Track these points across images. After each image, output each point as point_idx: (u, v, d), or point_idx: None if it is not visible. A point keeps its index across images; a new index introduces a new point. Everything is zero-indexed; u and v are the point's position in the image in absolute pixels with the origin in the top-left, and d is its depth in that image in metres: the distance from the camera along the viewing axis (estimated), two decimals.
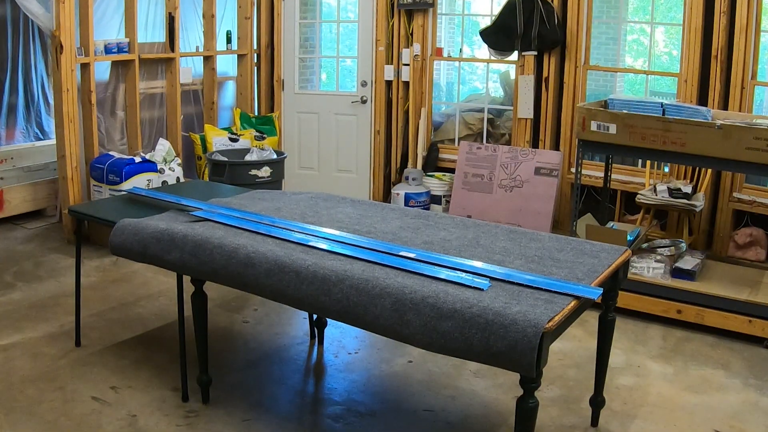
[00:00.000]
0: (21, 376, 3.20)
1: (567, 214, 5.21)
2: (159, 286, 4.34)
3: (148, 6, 5.55)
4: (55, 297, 4.13)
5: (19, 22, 5.92)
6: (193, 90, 6.02)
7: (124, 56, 5.23)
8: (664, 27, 8.75)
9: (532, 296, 2.21)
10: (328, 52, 7.33)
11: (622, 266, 2.68)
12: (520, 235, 2.87)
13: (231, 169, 5.07)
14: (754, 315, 3.71)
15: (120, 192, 4.55)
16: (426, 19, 5.67)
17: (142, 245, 2.85)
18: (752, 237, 4.60)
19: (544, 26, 5.00)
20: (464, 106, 6.15)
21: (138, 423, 2.86)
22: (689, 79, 4.70)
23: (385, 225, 2.96)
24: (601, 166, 4.91)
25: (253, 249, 2.60)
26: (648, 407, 3.10)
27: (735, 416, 3.05)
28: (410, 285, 2.27)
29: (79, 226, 3.55)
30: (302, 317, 3.90)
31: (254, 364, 3.43)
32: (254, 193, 3.51)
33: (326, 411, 3.07)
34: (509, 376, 3.24)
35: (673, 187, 4.45)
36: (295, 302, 2.50)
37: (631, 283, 3.95)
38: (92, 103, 5.05)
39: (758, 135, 3.49)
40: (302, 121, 6.32)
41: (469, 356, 2.13)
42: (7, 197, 5.37)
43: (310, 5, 6.38)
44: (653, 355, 3.62)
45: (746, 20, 4.44)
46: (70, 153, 4.90)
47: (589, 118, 3.96)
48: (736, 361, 3.57)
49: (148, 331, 3.73)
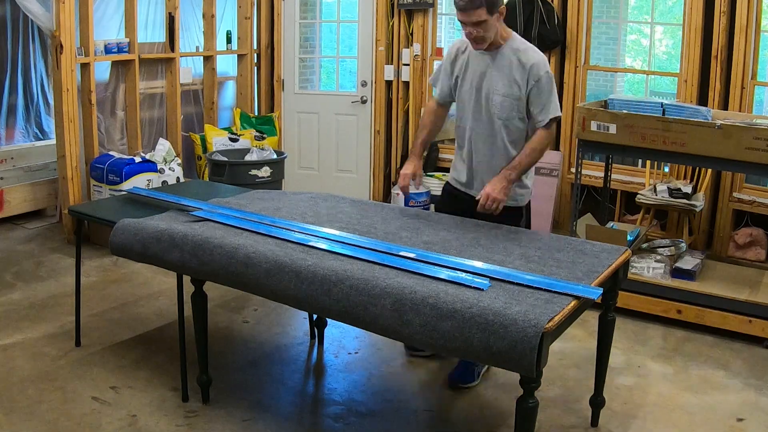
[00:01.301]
0: (21, 376, 3.20)
1: (567, 214, 5.21)
2: (159, 286, 4.34)
3: (148, 6, 5.55)
4: (55, 297, 4.13)
5: (19, 22, 5.92)
6: (193, 90, 6.02)
7: (124, 56, 5.23)
8: (664, 27, 8.76)
9: (532, 296, 2.21)
10: (328, 52, 7.34)
11: (622, 266, 2.68)
12: (520, 234, 2.87)
13: (231, 169, 5.07)
14: (754, 315, 3.71)
15: (120, 192, 4.56)
16: (426, 19, 5.67)
17: (142, 245, 2.85)
18: (752, 237, 4.60)
19: (544, 26, 5.00)
20: None
21: (138, 423, 2.86)
22: (689, 79, 4.70)
23: (385, 225, 2.95)
24: (601, 166, 4.91)
25: (253, 249, 2.60)
26: (648, 407, 3.10)
27: (735, 416, 3.05)
28: (410, 285, 2.27)
29: (79, 226, 3.55)
30: (302, 317, 3.90)
31: (254, 364, 3.43)
32: (254, 193, 3.51)
33: (326, 411, 3.07)
34: (509, 376, 3.23)
35: (673, 187, 4.45)
36: (295, 302, 2.50)
37: (631, 283, 3.95)
38: (92, 103, 5.05)
39: (758, 135, 3.49)
40: (302, 121, 6.32)
41: (469, 356, 2.13)
42: (7, 197, 5.37)
43: (310, 5, 6.38)
44: (653, 355, 3.62)
45: (746, 20, 4.44)
46: (70, 153, 4.90)
47: (589, 118, 3.96)
48: (736, 361, 3.57)
49: (148, 331, 3.73)
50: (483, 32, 2.88)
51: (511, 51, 2.97)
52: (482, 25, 2.86)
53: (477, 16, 2.83)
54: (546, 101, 2.96)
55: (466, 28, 2.91)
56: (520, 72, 2.95)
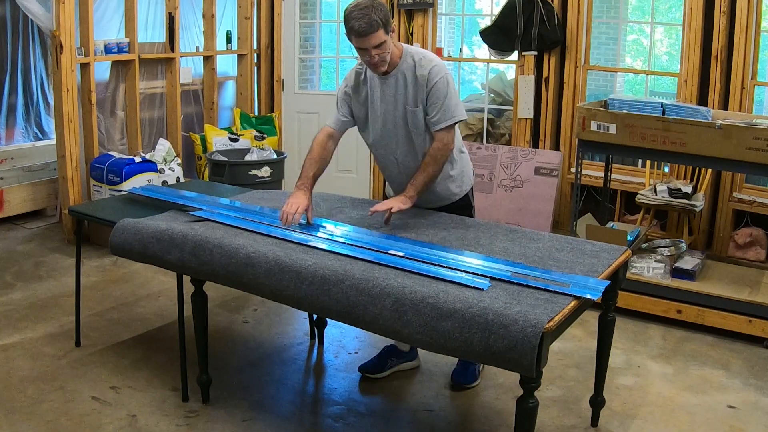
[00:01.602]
0: (21, 376, 3.20)
1: (567, 214, 5.21)
2: (159, 286, 4.34)
3: (148, 6, 5.55)
4: (55, 297, 4.13)
5: (19, 22, 5.92)
6: (193, 90, 6.02)
7: (124, 56, 5.23)
8: (664, 27, 8.76)
9: (532, 296, 2.21)
10: (328, 52, 7.33)
11: (622, 266, 2.68)
12: (520, 235, 2.87)
13: (231, 169, 5.07)
14: (754, 315, 3.72)
15: (120, 192, 4.56)
16: (426, 19, 5.67)
17: (142, 245, 2.85)
18: (752, 237, 4.60)
19: (544, 26, 5.00)
20: (464, 106, 6.13)
21: (138, 423, 2.86)
22: (689, 79, 4.70)
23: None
24: (601, 166, 4.91)
25: (253, 249, 2.60)
26: (648, 407, 3.10)
27: (735, 416, 3.05)
28: (410, 285, 2.27)
29: (79, 226, 3.55)
30: (302, 317, 3.90)
31: (254, 364, 3.43)
32: (254, 193, 3.51)
33: (326, 411, 3.07)
34: (509, 376, 3.24)
35: (673, 187, 4.45)
36: (295, 302, 2.50)
37: (631, 283, 3.95)
38: (92, 103, 5.05)
39: (758, 135, 3.49)
40: (302, 121, 6.32)
41: (469, 356, 2.13)
42: (7, 197, 5.37)
43: (310, 5, 6.38)
44: (653, 355, 3.62)
45: (746, 20, 4.44)
46: (70, 153, 4.90)
47: (589, 118, 3.96)
48: (736, 361, 3.57)
49: (148, 331, 3.73)
50: (384, 53, 2.82)
51: (407, 66, 2.91)
52: (382, 46, 2.80)
53: (377, 39, 2.76)
54: (442, 104, 2.89)
55: (366, 55, 2.82)
56: (418, 82, 2.90)
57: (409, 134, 2.99)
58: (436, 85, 2.88)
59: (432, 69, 2.89)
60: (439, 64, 2.92)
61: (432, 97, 2.90)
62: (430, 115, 2.92)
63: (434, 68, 2.89)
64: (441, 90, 2.89)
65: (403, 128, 2.99)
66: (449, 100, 2.91)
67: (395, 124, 2.99)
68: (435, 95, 2.89)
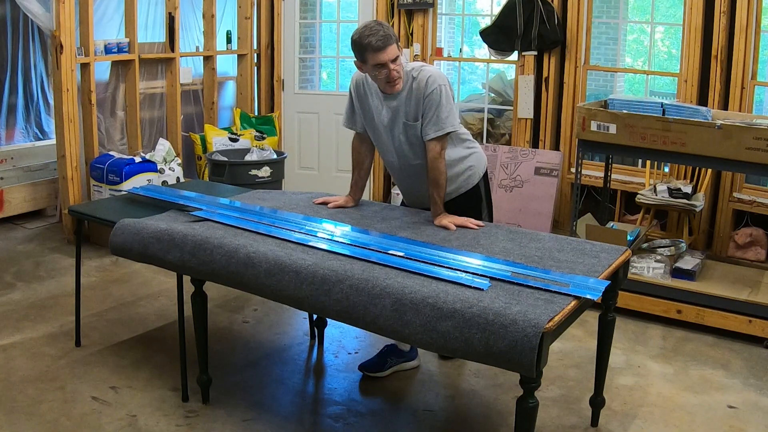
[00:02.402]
0: (21, 376, 3.20)
1: (567, 214, 5.21)
2: (159, 286, 4.34)
3: (148, 6, 5.56)
4: (55, 297, 4.13)
5: (19, 22, 5.92)
6: (193, 90, 6.02)
7: (124, 56, 5.24)
8: (664, 27, 8.76)
9: (532, 296, 2.21)
10: (328, 52, 7.33)
11: (622, 266, 2.68)
12: (520, 235, 2.87)
13: (231, 169, 5.07)
14: (754, 315, 3.72)
15: (120, 192, 4.56)
16: (426, 19, 5.67)
17: (142, 245, 2.85)
18: (752, 237, 4.60)
19: (544, 26, 5.00)
20: (464, 106, 6.15)
21: (138, 423, 2.86)
22: (689, 79, 4.70)
23: (385, 225, 2.96)
24: (601, 166, 4.91)
25: (253, 249, 2.60)
26: (648, 407, 3.11)
27: (735, 416, 3.05)
28: (410, 285, 2.27)
29: (79, 226, 3.55)
30: (302, 317, 3.90)
31: (254, 364, 3.43)
32: (254, 193, 3.51)
33: (326, 411, 3.07)
34: (509, 376, 3.24)
35: (673, 187, 4.45)
36: (295, 302, 2.50)
37: (631, 283, 3.95)
38: (92, 103, 5.05)
39: (758, 135, 3.49)
40: (302, 121, 6.32)
41: (469, 356, 2.13)
42: (7, 197, 5.37)
43: (310, 5, 6.38)
44: (653, 355, 3.62)
45: (746, 20, 4.44)
46: (70, 153, 4.90)
47: (589, 118, 3.96)
48: (736, 361, 3.57)
49: (148, 331, 3.73)
50: (400, 68, 2.85)
51: (406, 80, 2.93)
52: (397, 61, 2.83)
53: (394, 51, 2.79)
54: (433, 115, 2.91)
55: (384, 70, 2.82)
56: (416, 95, 2.92)
57: (409, 146, 3.05)
58: (431, 95, 2.90)
59: (428, 79, 2.91)
60: (435, 74, 2.94)
61: (425, 107, 2.92)
62: (423, 124, 2.96)
63: (430, 78, 2.91)
64: (434, 100, 2.90)
65: (405, 143, 3.05)
66: (441, 110, 2.92)
67: (392, 137, 3.07)
68: (428, 105, 2.92)
